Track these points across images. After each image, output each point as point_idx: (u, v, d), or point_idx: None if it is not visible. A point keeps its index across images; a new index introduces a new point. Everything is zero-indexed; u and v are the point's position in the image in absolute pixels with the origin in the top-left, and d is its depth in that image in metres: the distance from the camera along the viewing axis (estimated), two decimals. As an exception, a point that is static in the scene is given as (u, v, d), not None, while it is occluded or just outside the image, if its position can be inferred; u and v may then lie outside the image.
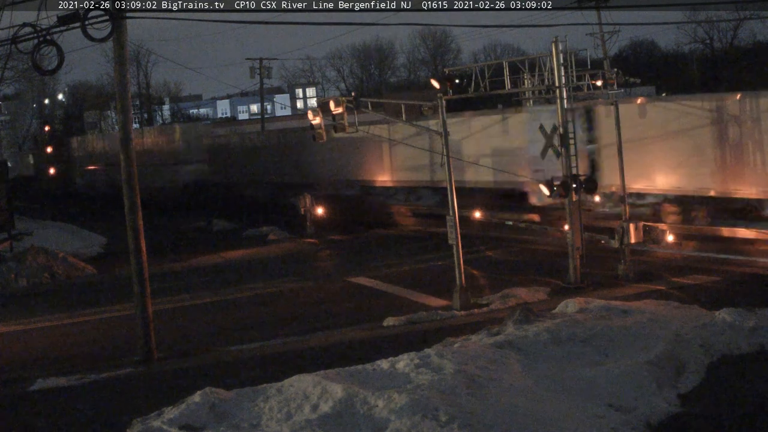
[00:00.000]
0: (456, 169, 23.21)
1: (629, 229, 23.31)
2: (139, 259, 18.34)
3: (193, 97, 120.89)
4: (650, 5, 25.55)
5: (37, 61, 16.38)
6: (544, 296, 21.70)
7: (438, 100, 22.14)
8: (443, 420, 11.61)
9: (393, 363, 14.22)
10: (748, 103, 25.27)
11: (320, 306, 23.34)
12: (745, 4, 54.36)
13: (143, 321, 18.35)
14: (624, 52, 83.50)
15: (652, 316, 16.94)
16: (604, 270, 23.88)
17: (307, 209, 38.32)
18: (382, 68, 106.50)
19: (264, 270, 30.01)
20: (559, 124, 23.01)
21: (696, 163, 26.74)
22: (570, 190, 22.67)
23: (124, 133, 18.55)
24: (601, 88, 24.00)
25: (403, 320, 20.04)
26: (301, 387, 13.13)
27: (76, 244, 39.30)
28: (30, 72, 42.24)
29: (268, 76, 67.90)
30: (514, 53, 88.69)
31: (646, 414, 12.54)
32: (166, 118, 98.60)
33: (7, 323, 23.64)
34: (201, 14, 22.87)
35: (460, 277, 21.24)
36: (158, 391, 15.31)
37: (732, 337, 15.57)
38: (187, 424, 12.56)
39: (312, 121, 23.05)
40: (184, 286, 27.62)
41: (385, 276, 26.63)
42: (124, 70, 18.32)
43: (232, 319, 22.62)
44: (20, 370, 18.24)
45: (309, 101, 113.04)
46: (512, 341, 15.35)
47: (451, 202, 21.63)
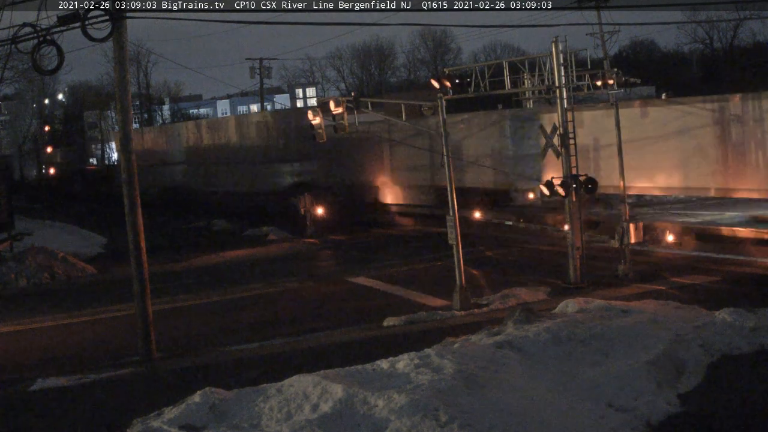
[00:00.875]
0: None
1: (629, 229, 23.31)
2: (139, 259, 18.34)
3: (193, 97, 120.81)
4: (650, 5, 25.53)
5: (37, 61, 16.35)
6: (544, 296, 21.70)
7: (438, 100, 22.15)
8: (443, 420, 11.61)
9: (393, 363, 14.21)
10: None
11: (320, 306, 23.33)
12: (745, 4, 54.39)
13: (143, 321, 18.34)
14: (624, 52, 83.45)
15: (652, 316, 16.93)
16: (604, 270, 23.88)
17: (307, 209, 38.32)
18: (382, 68, 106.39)
19: (264, 270, 30.00)
20: (558, 124, 23.00)
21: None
22: (570, 190, 22.66)
23: (124, 133, 18.55)
24: (601, 88, 24.00)
25: (403, 320, 20.04)
26: (301, 387, 13.13)
27: (76, 244, 39.30)
28: (30, 72, 42.25)
29: (268, 76, 67.95)
30: (514, 53, 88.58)
31: (646, 414, 12.54)
32: (166, 118, 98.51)
33: (7, 323, 23.63)
34: (201, 14, 22.84)
35: (460, 277, 21.23)
36: (158, 391, 15.31)
37: (732, 337, 15.57)
38: (187, 424, 12.55)
39: (312, 121, 23.06)
40: (184, 286, 27.62)
41: (385, 276, 26.63)
42: (124, 70, 18.32)
43: (232, 319, 22.62)
44: (20, 370, 18.22)
45: (309, 101, 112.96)
46: (512, 341, 15.34)
47: (451, 202, 21.62)
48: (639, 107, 29.52)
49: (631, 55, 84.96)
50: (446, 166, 21.88)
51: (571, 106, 23.41)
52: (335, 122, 22.43)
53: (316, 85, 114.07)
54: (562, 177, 22.91)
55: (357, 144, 39.93)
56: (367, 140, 37.46)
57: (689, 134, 27.45)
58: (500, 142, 35.78)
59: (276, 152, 48.29)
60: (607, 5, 29.85)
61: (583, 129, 27.80)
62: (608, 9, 30.06)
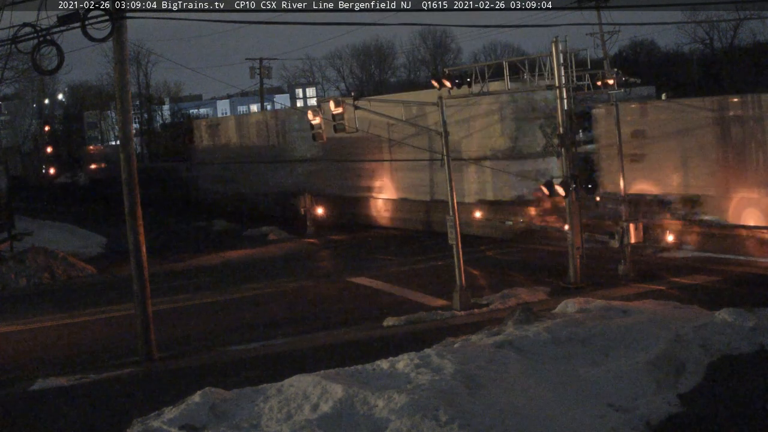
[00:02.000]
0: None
1: (629, 229, 23.31)
2: (139, 259, 18.34)
3: (193, 97, 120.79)
4: (650, 5, 25.50)
5: (37, 61, 16.36)
6: (544, 296, 21.71)
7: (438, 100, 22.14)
8: (443, 420, 11.61)
9: (393, 363, 14.21)
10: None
11: (320, 306, 23.34)
12: (745, 4, 54.35)
13: (143, 321, 18.34)
14: (624, 52, 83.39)
15: (652, 316, 16.94)
16: (604, 270, 23.88)
17: (307, 209, 38.32)
18: (382, 68, 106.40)
19: (264, 270, 30.01)
20: (558, 124, 23.00)
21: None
22: (570, 190, 22.65)
23: (124, 133, 18.54)
24: (601, 88, 24.01)
25: (403, 320, 20.04)
26: (301, 387, 13.13)
27: (75, 244, 39.28)
28: (30, 72, 42.19)
29: (268, 76, 67.83)
30: (514, 53, 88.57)
31: (646, 414, 12.54)
32: (166, 118, 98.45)
33: (7, 323, 23.64)
34: (201, 14, 22.88)
35: (460, 277, 21.23)
36: (158, 391, 15.31)
37: (732, 337, 15.57)
38: (187, 424, 12.55)
39: (312, 121, 23.06)
40: (184, 286, 27.62)
41: (385, 276, 26.63)
42: (124, 70, 18.31)
43: (232, 319, 22.62)
44: (20, 370, 18.24)
45: (309, 101, 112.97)
46: (512, 341, 15.35)
47: (451, 202, 21.62)
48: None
49: (631, 55, 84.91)
50: (446, 165, 21.88)
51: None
52: (335, 122, 22.42)
53: (316, 85, 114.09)
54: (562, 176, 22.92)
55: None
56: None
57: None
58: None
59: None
60: (607, 5, 29.94)
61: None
62: (608, 9, 30.17)
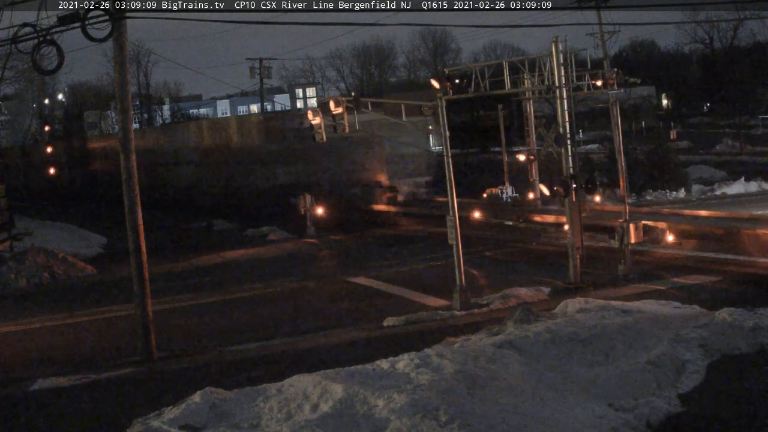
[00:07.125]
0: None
1: (629, 229, 23.30)
2: (139, 259, 18.34)
3: (193, 97, 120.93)
4: (650, 5, 25.50)
5: (37, 61, 16.37)
6: (544, 296, 21.70)
7: (438, 100, 22.14)
8: (443, 420, 11.61)
9: (393, 363, 14.21)
10: None
11: (320, 306, 23.32)
12: (745, 4, 54.35)
13: (143, 321, 18.34)
14: (624, 52, 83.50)
15: (652, 316, 16.93)
16: (604, 270, 23.88)
17: (307, 209, 38.30)
18: (382, 68, 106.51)
19: (264, 270, 29.99)
20: (558, 124, 23.00)
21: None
22: (570, 190, 22.65)
23: (124, 133, 18.54)
24: (601, 88, 24.02)
25: (403, 320, 20.03)
26: (301, 387, 13.13)
27: (75, 244, 39.26)
28: (30, 72, 42.21)
29: (268, 76, 67.91)
30: (514, 53, 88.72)
31: (646, 414, 12.53)
32: (166, 118, 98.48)
33: (7, 323, 23.63)
34: (201, 14, 22.88)
35: (460, 277, 21.22)
36: (158, 391, 15.30)
37: (732, 337, 15.57)
38: (187, 424, 12.55)
39: (312, 121, 23.07)
40: (184, 286, 27.62)
41: (384, 276, 26.61)
42: (124, 70, 18.32)
43: (232, 319, 22.61)
44: (20, 370, 18.22)
45: (309, 101, 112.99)
46: (512, 341, 15.34)
47: (451, 202, 21.61)
48: None
49: (631, 55, 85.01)
50: (446, 165, 21.87)
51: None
52: (335, 122, 22.43)
53: (316, 85, 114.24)
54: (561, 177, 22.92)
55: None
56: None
57: None
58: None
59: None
60: (607, 5, 29.92)
61: None
62: (608, 9, 30.15)
